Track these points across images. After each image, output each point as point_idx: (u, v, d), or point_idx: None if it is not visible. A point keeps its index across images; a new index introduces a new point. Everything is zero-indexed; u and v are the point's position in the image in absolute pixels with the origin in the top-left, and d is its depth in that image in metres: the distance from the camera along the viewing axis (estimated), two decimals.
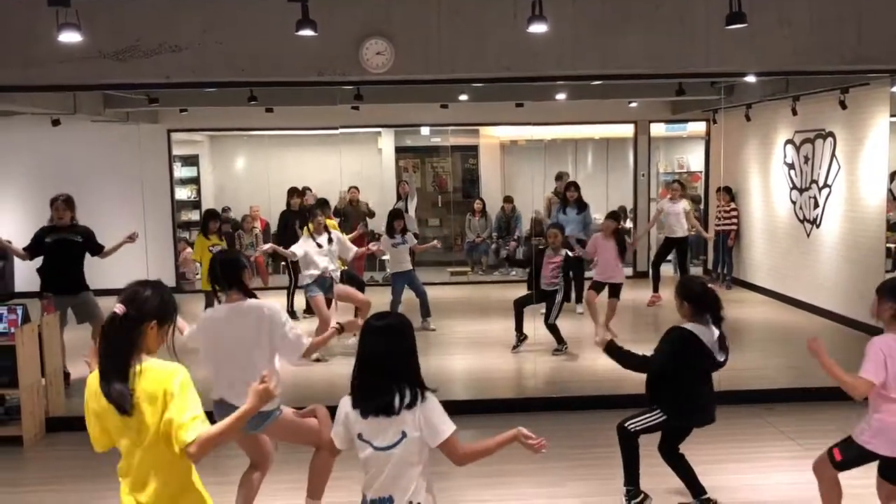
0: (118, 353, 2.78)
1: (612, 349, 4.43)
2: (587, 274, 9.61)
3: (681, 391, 4.45)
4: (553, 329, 8.01)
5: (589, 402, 6.56)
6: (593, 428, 5.92)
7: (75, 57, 5.70)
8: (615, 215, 8.79)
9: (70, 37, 5.24)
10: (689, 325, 4.42)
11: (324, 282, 7.89)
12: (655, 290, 10.36)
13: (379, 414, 2.88)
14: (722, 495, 4.78)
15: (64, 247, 7.13)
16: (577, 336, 8.37)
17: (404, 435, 2.86)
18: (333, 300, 8.01)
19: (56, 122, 9.86)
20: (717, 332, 4.45)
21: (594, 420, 6.06)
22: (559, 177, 12.40)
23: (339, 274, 8.18)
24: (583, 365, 7.77)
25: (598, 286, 8.42)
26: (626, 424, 4.56)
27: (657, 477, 4.80)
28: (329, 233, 8.11)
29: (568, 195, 10.27)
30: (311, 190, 13.06)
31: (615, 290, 8.41)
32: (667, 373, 4.43)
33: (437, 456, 3.01)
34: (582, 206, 10.21)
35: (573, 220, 10.01)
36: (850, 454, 3.98)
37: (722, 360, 4.51)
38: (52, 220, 7.31)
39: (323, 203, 9.46)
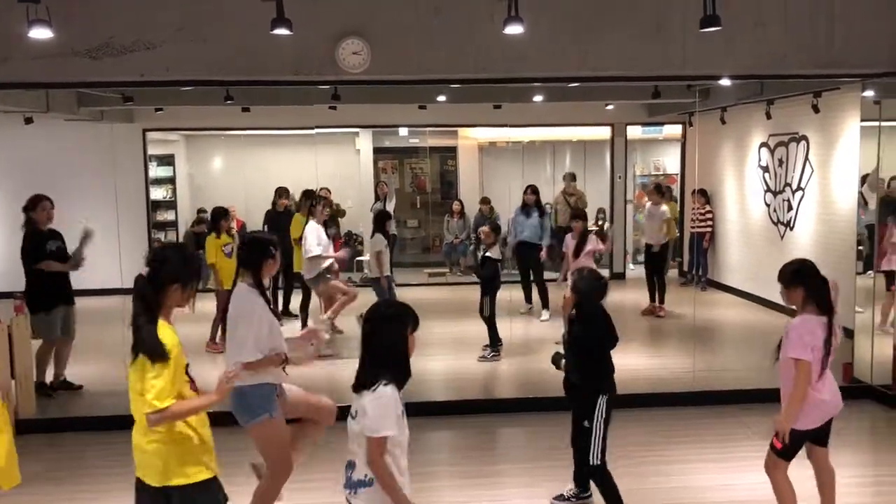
0: (148, 310, 3.11)
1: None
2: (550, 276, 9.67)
3: (608, 362, 4.62)
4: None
5: (566, 403, 6.55)
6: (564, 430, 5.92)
7: (47, 54, 5.61)
8: (582, 215, 8.83)
9: (41, 33, 5.17)
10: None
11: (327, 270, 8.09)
12: (660, 300, 10.10)
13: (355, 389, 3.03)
14: (695, 495, 4.82)
15: (63, 254, 6.96)
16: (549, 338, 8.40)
17: (355, 414, 2.98)
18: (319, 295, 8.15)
19: (29, 121, 9.70)
20: None
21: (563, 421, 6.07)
22: (569, 177, 12.40)
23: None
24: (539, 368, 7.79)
25: None
26: (591, 463, 4.50)
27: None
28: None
29: (526, 198, 9.97)
30: (287, 192, 12.98)
31: None
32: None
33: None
34: (542, 211, 10.03)
35: (531, 224, 9.89)
36: (788, 440, 4.15)
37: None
38: (34, 221, 6.88)
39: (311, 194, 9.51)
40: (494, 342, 8.05)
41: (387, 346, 2.99)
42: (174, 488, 3.18)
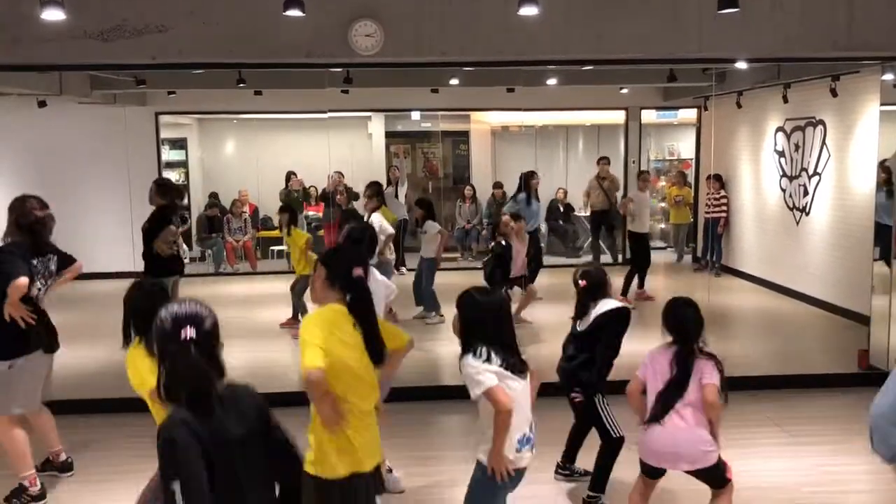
0: None
1: None
2: None
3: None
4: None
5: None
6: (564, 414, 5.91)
7: (60, 36, 5.61)
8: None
9: (53, 14, 5.15)
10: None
11: None
12: (640, 285, 9.93)
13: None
14: None
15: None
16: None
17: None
18: None
19: (42, 104, 9.73)
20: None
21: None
22: (604, 161, 12.29)
23: None
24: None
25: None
26: (616, 436, 4.55)
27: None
28: None
29: (533, 184, 9.81)
30: (296, 175, 13.02)
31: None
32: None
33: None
34: (537, 197, 9.97)
35: (534, 212, 9.79)
36: None
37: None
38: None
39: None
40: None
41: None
42: None
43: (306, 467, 3.07)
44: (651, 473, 4.01)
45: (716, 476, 3.90)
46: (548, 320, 8.52)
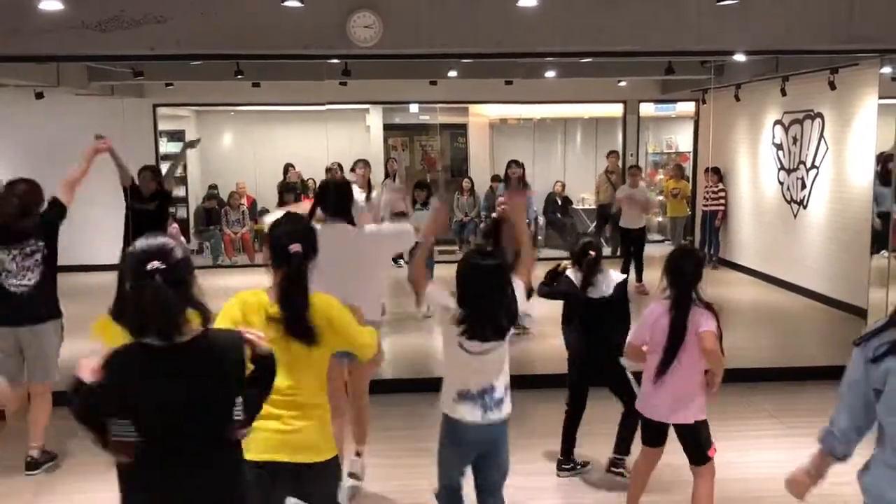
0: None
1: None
2: None
3: None
4: None
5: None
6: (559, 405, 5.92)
7: (57, 27, 5.58)
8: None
9: (50, 5, 5.14)
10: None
11: None
12: (638, 279, 9.81)
13: None
14: None
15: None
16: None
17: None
18: None
19: (39, 96, 9.69)
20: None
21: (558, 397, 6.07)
22: (614, 155, 12.26)
23: None
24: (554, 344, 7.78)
25: None
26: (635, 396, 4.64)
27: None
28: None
29: (509, 173, 9.31)
30: (294, 167, 12.99)
31: None
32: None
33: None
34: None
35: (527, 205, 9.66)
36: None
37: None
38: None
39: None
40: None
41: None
42: None
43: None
44: (652, 441, 4.11)
45: (699, 441, 3.97)
46: (547, 313, 8.50)
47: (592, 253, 4.78)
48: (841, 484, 3.14)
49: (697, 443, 3.98)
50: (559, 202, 13.56)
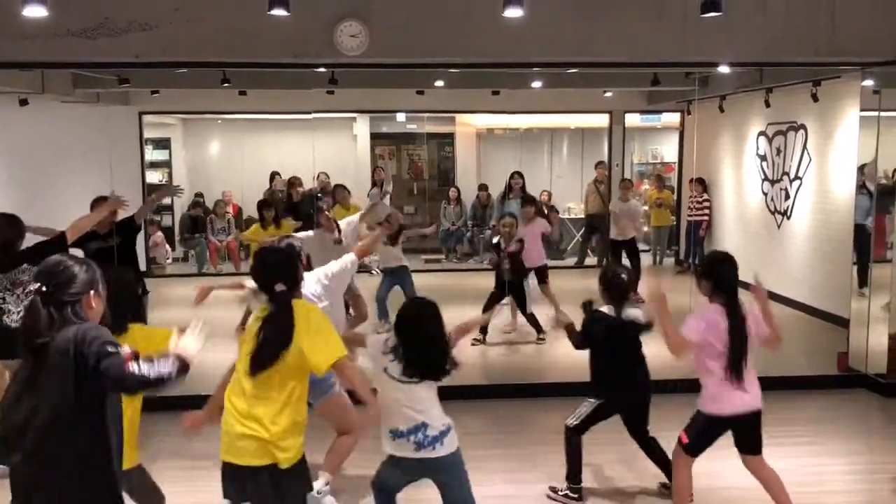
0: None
1: (571, 331, 4.72)
2: None
3: (603, 370, 4.71)
4: (531, 318, 8.07)
5: (556, 389, 6.54)
6: (564, 414, 5.93)
7: (42, 33, 5.56)
8: (532, 201, 8.94)
9: (35, 11, 5.11)
10: (603, 308, 4.72)
11: None
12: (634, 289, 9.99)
13: None
14: (695, 482, 4.81)
15: None
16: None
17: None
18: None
19: (24, 102, 9.61)
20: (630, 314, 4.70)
21: (565, 406, 6.07)
22: (602, 166, 12.34)
23: None
24: (552, 353, 7.80)
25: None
26: (566, 423, 4.73)
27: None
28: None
29: (513, 183, 9.68)
30: (280, 175, 12.97)
31: (540, 276, 8.49)
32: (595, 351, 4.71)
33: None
34: (527, 199, 9.55)
35: (515, 212, 9.78)
36: (695, 429, 4.28)
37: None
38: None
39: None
40: (539, 328, 8.07)
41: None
42: None
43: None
44: (705, 445, 4.29)
45: (761, 426, 4.25)
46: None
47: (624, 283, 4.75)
48: (827, 492, 3.15)
49: (760, 428, 4.22)
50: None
